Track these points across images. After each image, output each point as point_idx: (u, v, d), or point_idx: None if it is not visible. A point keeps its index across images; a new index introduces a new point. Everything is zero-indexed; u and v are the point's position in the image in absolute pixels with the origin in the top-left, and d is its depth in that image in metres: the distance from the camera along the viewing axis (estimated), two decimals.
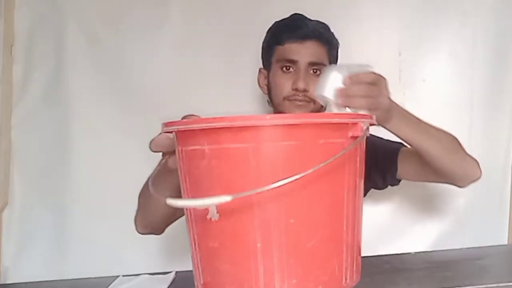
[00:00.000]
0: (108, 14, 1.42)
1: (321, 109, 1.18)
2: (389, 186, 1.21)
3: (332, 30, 1.19)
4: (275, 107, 1.19)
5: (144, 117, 1.38)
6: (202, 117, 0.66)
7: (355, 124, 0.65)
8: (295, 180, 0.58)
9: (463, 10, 1.47)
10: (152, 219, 1.04)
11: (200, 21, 1.46)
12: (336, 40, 1.21)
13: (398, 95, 1.44)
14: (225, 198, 0.56)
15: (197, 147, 0.64)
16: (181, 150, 0.68)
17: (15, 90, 1.40)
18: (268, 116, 0.61)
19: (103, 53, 1.42)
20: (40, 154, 1.41)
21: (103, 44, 1.42)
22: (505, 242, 1.47)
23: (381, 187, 1.21)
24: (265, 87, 1.22)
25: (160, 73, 1.43)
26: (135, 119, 1.42)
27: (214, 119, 0.62)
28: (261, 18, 1.35)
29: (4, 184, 1.37)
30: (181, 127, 0.65)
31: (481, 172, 1.06)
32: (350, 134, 0.65)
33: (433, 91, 1.47)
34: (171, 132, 0.69)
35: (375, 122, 0.71)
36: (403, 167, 1.16)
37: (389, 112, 0.88)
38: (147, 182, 0.98)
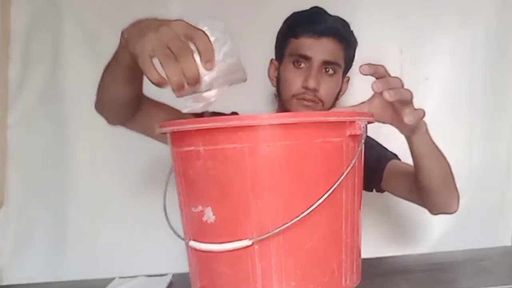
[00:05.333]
0: (105, 11, 1.41)
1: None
2: (374, 191, 1.20)
3: None
4: (282, 103, 1.15)
5: None
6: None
7: (352, 122, 0.65)
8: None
9: (465, 9, 1.47)
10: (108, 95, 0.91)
11: (202, 16, 1.44)
12: (355, 38, 1.17)
13: None
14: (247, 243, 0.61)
15: (192, 148, 0.64)
16: (176, 151, 0.68)
17: (11, 89, 1.39)
18: (264, 116, 0.61)
19: (101, 51, 1.39)
20: (36, 153, 1.40)
21: (100, 42, 1.40)
22: (508, 243, 1.47)
23: (366, 189, 1.19)
24: (274, 79, 1.19)
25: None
26: None
27: (209, 119, 0.62)
28: (265, 14, 1.34)
29: (1, 184, 1.37)
30: (176, 128, 0.65)
31: (457, 208, 1.06)
32: (348, 133, 0.65)
33: (434, 90, 1.47)
34: (165, 133, 0.69)
35: (374, 120, 0.70)
36: (388, 178, 1.14)
37: (415, 129, 0.86)
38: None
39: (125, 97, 0.87)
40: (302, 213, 0.60)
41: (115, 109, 0.92)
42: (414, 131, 0.87)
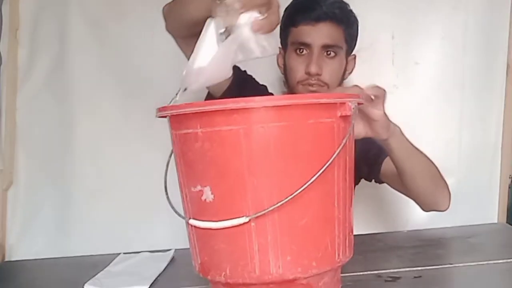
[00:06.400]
0: None
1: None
2: (373, 181, 1.23)
3: None
4: (290, 89, 1.19)
5: (146, 100, 1.38)
6: None
7: (343, 104, 0.66)
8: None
9: None
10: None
11: None
12: (355, 17, 1.18)
13: (391, 77, 1.46)
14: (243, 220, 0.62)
15: (190, 130, 0.65)
16: (175, 134, 0.69)
17: (20, 73, 1.41)
18: (258, 98, 0.62)
19: (106, 36, 1.42)
20: (44, 135, 1.42)
21: (106, 28, 1.42)
22: (495, 221, 1.49)
23: (366, 179, 1.23)
24: (282, 66, 1.22)
25: (163, 56, 1.41)
26: (138, 102, 1.42)
27: (206, 103, 0.63)
28: None
29: (10, 164, 1.39)
30: (175, 111, 0.66)
31: (449, 205, 1.09)
32: (339, 114, 0.66)
33: (425, 73, 1.48)
34: (165, 116, 0.70)
35: (363, 102, 0.72)
36: (385, 172, 1.17)
37: (388, 129, 0.89)
38: None
39: (194, 19, 0.84)
40: (296, 191, 0.61)
41: (179, 20, 0.92)
42: (387, 135, 0.90)
